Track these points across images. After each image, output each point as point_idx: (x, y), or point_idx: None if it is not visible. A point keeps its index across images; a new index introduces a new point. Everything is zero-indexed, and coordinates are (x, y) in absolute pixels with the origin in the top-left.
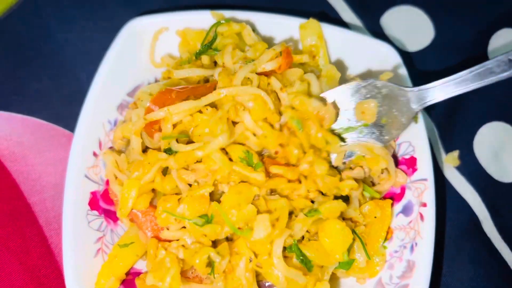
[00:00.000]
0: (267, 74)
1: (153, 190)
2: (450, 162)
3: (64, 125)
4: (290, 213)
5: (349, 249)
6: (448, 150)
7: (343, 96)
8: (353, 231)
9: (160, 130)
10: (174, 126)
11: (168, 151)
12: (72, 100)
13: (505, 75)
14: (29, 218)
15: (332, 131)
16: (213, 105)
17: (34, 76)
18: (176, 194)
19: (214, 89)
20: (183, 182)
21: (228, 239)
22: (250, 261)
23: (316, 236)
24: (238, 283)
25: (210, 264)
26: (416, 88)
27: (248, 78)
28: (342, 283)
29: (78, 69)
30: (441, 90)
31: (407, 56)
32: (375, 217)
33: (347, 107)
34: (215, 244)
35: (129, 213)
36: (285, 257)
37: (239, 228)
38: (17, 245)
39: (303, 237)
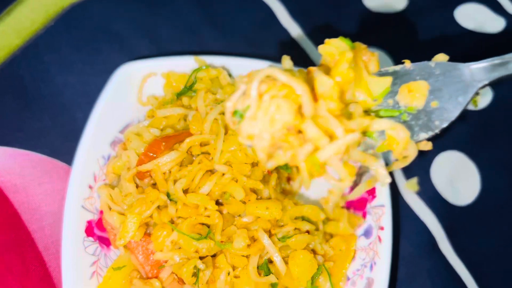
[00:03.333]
0: None
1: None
2: (410, 188)
3: (62, 159)
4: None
5: (314, 277)
6: (407, 176)
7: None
8: (322, 265)
9: (150, 175)
10: (164, 174)
11: (168, 194)
12: (69, 137)
13: None
14: (29, 244)
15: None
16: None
17: (36, 116)
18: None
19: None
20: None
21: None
22: (229, 274)
23: (286, 260)
24: None
25: (195, 274)
26: (483, 63)
27: (216, 119)
28: None
29: (76, 109)
30: (503, 67)
31: None
32: (340, 250)
33: (391, 90)
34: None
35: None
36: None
37: (221, 242)
38: (18, 269)
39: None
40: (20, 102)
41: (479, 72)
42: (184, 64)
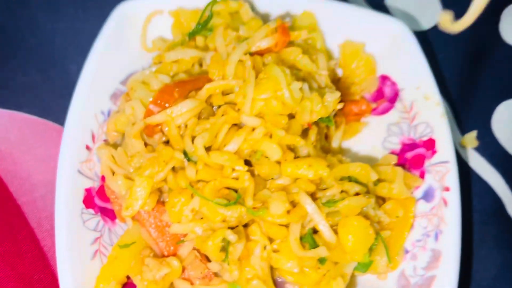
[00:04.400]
0: (261, 53)
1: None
2: (468, 143)
3: (54, 119)
4: None
5: (372, 249)
6: (464, 131)
7: None
8: (379, 234)
9: (161, 131)
10: (179, 127)
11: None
12: (62, 93)
13: None
14: (20, 220)
15: None
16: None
17: (21, 69)
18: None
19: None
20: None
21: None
22: (265, 247)
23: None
24: (253, 274)
25: (224, 249)
26: None
27: (241, 60)
28: (360, 280)
29: (68, 60)
30: None
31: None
32: (397, 217)
33: None
34: None
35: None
36: None
37: (254, 208)
38: (8, 249)
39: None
40: (2, 54)
41: None
42: None
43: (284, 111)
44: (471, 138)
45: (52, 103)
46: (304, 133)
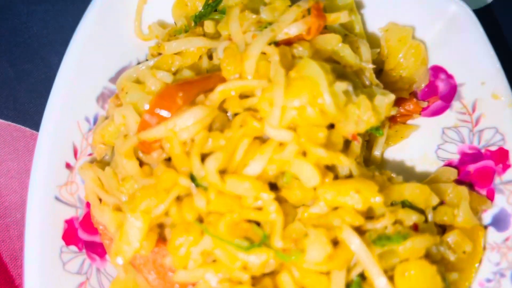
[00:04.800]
0: (290, 42)
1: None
2: None
3: (31, 125)
4: None
5: None
6: None
7: None
8: (443, 279)
9: (161, 147)
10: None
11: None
12: (41, 92)
13: None
14: None
15: None
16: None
17: None
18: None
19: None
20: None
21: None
22: None
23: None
24: None
25: None
26: None
27: (264, 53)
28: None
29: (48, 51)
30: None
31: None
32: (464, 252)
33: None
34: None
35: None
36: None
37: (284, 251)
38: None
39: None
40: None
41: None
42: None
43: (323, 121)
44: None
45: (29, 105)
46: (345, 144)
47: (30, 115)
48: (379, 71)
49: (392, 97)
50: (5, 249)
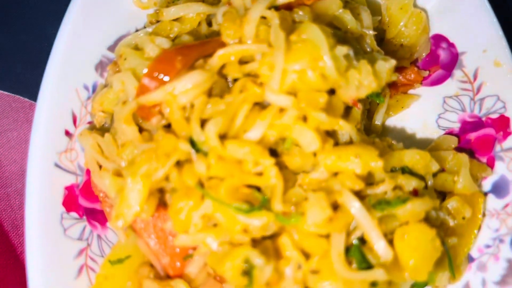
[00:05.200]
0: (290, 7)
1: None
2: None
3: (29, 95)
4: None
5: (437, 266)
6: None
7: None
8: (442, 242)
9: (160, 113)
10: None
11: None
12: (38, 62)
13: None
14: None
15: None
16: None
17: None
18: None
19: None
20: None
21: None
22: (300, 268)
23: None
24: None
25: (247, 272)
26: None
27: (263, 17)
28: None
29: (44, 22)
30: None
31: None
32: (463, 218)
33: None
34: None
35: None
36: None
37: (285, 214)
38: None
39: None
40: None
41: None
42: None
43: (324, 86)
44: None
45: (27, 75)
46: (346, 111)
47: (28, 85)
48: (380, 40)
49: (393, 62)
50: (6, 218)
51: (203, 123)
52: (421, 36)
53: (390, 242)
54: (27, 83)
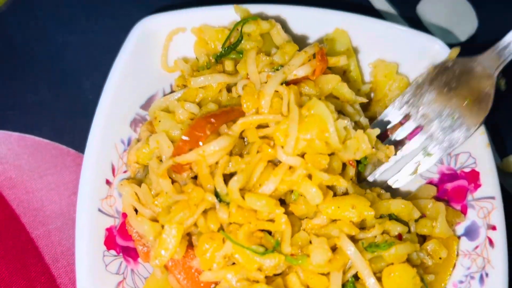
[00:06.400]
0: (297, 81)
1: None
2: (509, 167)
3: (67, 142)
4: None
5: None
6: (503, 154)
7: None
8: (422, 279)
9: (190, 169)
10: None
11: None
12: (75, 113)
13: None
14: (34, 255)
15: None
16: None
17: (31, 87)
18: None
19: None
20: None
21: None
22: None
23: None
24: None
25: None
26: (487, 52)
27: (276, 91)
28: None
29: (81, 76)
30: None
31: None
32: (440, 258)
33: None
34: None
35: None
36: None
37: (292, 255)
38: (21, 287)
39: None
40: (9, 69)
41: (489, 62)
42: (221, 15)
43: (327, 150)
44: (509, 163)
45: (65, 124)
46: (342, 167)
47: (66, 134)
48: (368, 102)
49: (377, 131)
50: (47, 252)
51: (224, 177)
52: None
53: (379, 279)
54: (65, 132)
